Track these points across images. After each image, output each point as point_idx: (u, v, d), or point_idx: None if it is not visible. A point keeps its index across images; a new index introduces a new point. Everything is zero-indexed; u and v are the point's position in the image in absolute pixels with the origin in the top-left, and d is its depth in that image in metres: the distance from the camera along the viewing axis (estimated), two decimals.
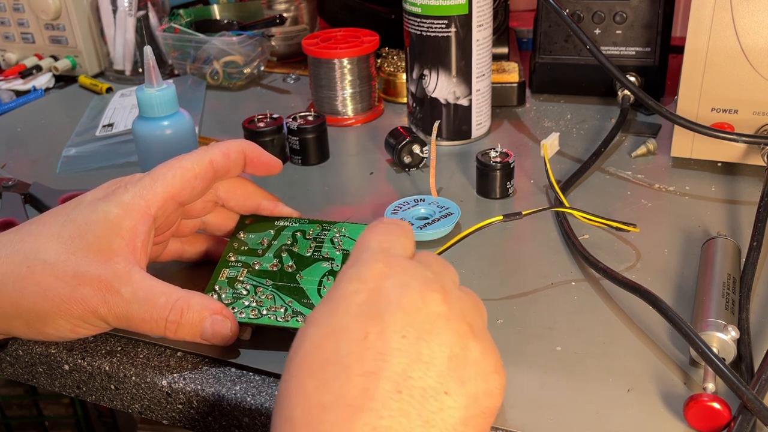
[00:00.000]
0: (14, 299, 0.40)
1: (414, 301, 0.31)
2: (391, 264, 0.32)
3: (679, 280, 0.48)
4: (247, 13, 0.92)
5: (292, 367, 0.30)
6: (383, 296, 0.31)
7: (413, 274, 0.32)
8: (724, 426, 0.36)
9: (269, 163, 0.48)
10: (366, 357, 0.29)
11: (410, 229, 0.37)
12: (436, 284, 0.32)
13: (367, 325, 0.30)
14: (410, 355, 0.29)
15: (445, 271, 0.34)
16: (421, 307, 0.31)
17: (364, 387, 0.28)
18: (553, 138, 0.61)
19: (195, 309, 0.40)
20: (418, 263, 0.33)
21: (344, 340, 0.29)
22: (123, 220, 0.41)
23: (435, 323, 0.30)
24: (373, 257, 0.33)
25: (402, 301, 0.31)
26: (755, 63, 0.55)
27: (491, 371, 0.31)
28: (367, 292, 0.31)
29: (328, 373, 0.29)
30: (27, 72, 0.91)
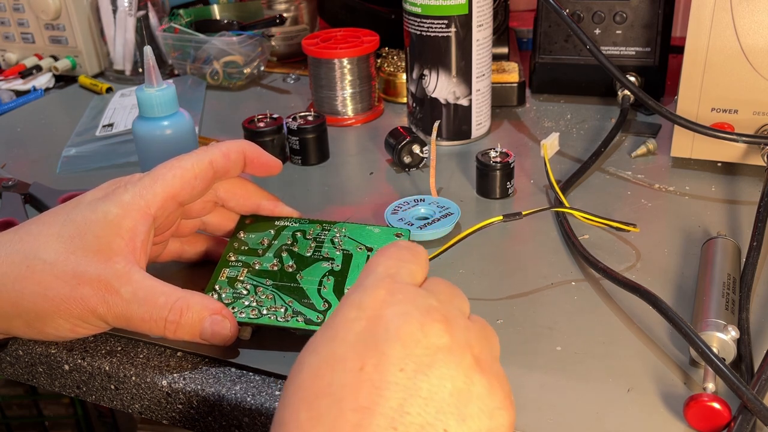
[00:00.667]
0: (14, 299, 0.40)
1: (413, 332, 0.29)
2: (393, 291, 0.31)
3: (679, 280, 0.48)
4: (247, 13, 0.92)
5: (288, 395, 0.29)
6: (382, 326, 0.29)
7: (416, 302, 0.31)
8: (724, 426, 0.36)
9: (269, 163, 0.48)
10: (361, 390, 0.27)
11: (423, 255, 0.35)
12: (439, 313, 0.30)
13: (364, 356, 0.28)
14: (408, 389, 0.28)
15: (452, 299, 0.33)
16: (420, 338, 0.29)
17: (356, 422, 0.27)
18: (553, 138, 0.61)
19: (194, 309, 0.40)
20: (424, 291, 0.32)
21: (340, 371, 0.28)
22: (123, 220, 0.41)
23: (435, 356, 0.29)
24: (376, 283, 0.32)
25: (401, 331, 0.29)
26: (755, 63, 0.55)
27: (497, 407, 0.29)
28: (366, 320, 0.30)
29: (321, 405, 0.28)
30: (27, 72, 0.91)
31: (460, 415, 0.28)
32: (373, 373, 0.28)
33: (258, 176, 0.49)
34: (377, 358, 0.28)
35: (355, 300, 0.31)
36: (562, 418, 0.38)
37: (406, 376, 0.28)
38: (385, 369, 0.28)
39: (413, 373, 0.28)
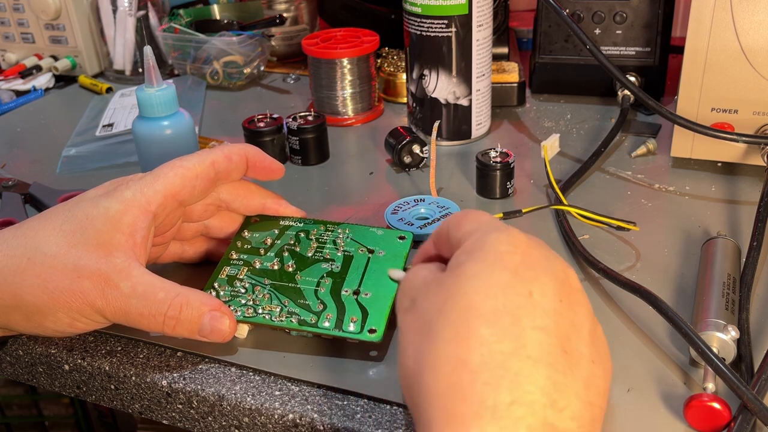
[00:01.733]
0: (14, 291, 0.40)
1: (559, 271, 0.32)
2: (529, 236, 0.34)
3: (679, 280, 0.48)
4: (247, 13, 0.92)
5: (452, 312, 0.30)
6: (536, 260, 0.32)
7: (548, 249, 0.34)
8: (724, 426, 0.36)
9: (271, 167, 0.48)
10: (536, 313, 0.30)
11: None
12: (564, 261, 0.34)
13: (530, 285, 0.31)
14: (567, 319, 0.31)
15: None
16: (564, 278, 0.32)
17: (538, 340, 0.29)
18: (554, 139, 0.61)
19: (194, 305, 0.40)
20: None
21: (512, 294, 0.30)
22: (123, 216, 0.41)
23: (578, 296, 0.32)
24: (508, 227, 0.34)
25: (553, 269, 0.32)
26: (755, 63, 0.55)
27: (608, 353, 0.33)
28: (520, 255, 0.32)
29: (504, 323, 0.29)
30: (27, 72, 0.91)
31: (597, 351, 0.31)
32: (541, 300, 0.31)
33: (260, 180, 0.49)
34: (541, 289, 0.31)
35: (501, 237, 0.33)
36: None
37: (564, 307, 0.31)
38: (549, 299, 0.31)
39: (569, 305, 0.31)
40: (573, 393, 0.29)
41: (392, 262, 0.46)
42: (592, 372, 0.30)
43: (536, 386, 0.28)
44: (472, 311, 0.30)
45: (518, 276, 0.31)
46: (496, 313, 0.30)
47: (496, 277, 0.31)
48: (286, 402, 0.40)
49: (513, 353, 0.29)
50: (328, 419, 0.39)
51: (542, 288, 0.31)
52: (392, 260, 0.46)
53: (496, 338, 0.29)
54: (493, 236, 0.33)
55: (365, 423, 0.39)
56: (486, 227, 0.35)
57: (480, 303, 0.30)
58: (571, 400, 0.28)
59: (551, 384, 0.28)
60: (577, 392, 0.29)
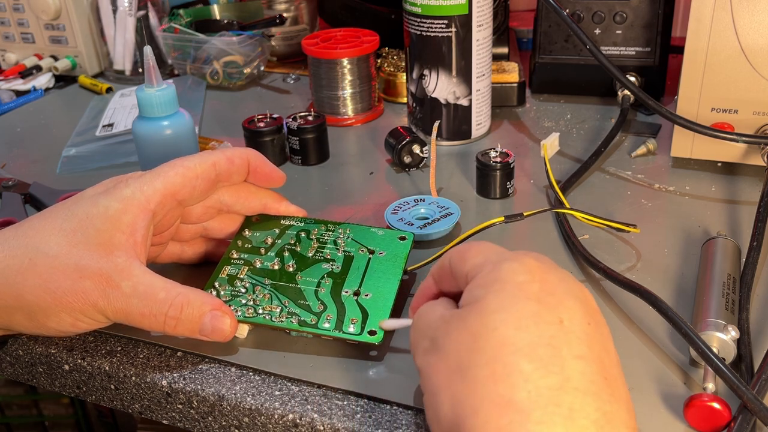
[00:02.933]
0: (16, 292, 0.40)
1: (579, 292, 0.32)
2: (540, 260, 0.33)
3: (679, 280, 0.48)
4: (247, 13, 0.92)
5: (487, 351, 0.29)
6: (555, 286, 0.32)
7: (560, 269, 0.33)
8: (724, 426, 0.36)
9: (272, 175, 0.48)
10: (571, 341, 0.29)
11: None
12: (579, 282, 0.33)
13: (558, 312, 0.30)
14: (599, 343, 0.30)
15: None
16: (585, 299, 0.32)
17: (580, 370, 0.28)
18: (553, 138, 0.61)
19: (194, 305, 0.40)
20: None
21: (543, 324, 0.30)
22: (123, 214, 0.41)
23: (600, 315, 0.32)
24: (520, 255, 0.33)
25: (573, 292, 0.32)
26: (755, 63, 0.55)
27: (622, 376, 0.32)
28: (539, 282, 0.31)
29: (543, 355, 0.29)
30: (27, 72, 0.91)
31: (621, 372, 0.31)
32: (572, 325, 0.30)
33: (260, 186, 0.49)
34: (569, 313, 0.30)
35: (516, 267, 0.32)
36: None
37: (593, 330, 0.31)
38: (579, 322, 0.30)
39: (596, 327, 0.31)
40: (620, 421, 0.28)
41: (393, 263, 0.46)
42: (628, 395, 0.30)
43: (589, 420, 0.27)
44: (507, 347, 0.29)
45: (543, 304, 0.30)
46: (533, 345, 0.29)
47: (521, 307, 0.30)
48: (286, 402, 0.40)
49: (560, 387, 0.28)
50: (328, 419, 0.39)
51: (569, 312, 0.30)
52: (393, 261, 0.46)
53: (540, 373, 0.28)
54: (506, 266, 0.32)
55: (365, 423, 0.39)
56: (495, 258, 0.34)
57: (513, 336, 0.29)
58: (620, 430, 0.28)
59: (602, 415, 0.27)
60: (623, 420, 0.28)
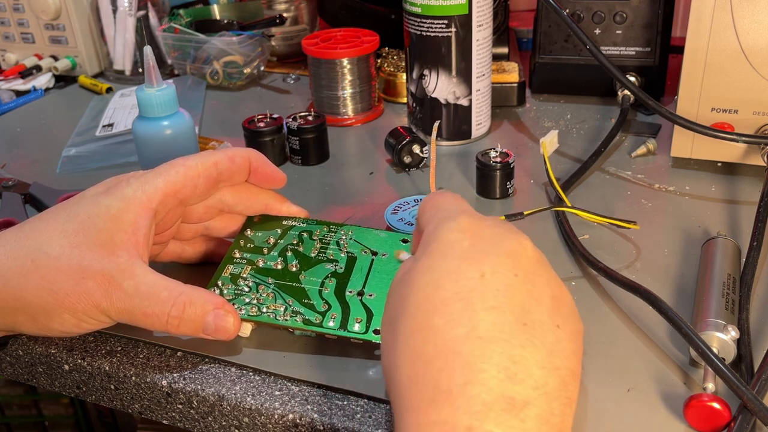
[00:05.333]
0: (18, 293, 0.40)
1: (515, 245, 0.33)
2: (479, 218, 0.34)
3: (679, 280, 0.48)
4: (247, 13, 0.92)
5: (410, 308, 0.31)
6: (486, 241, 0.33)
7: (502, 225, 0.34)
8: (724, 426, 0.36)
9: (273, 175, 0.48)
10: (488, 293, 0.30)
11: None
12: (522, 233, 0.34)
13: (481, 266, 0.31)
14: (524, 292, 0.31)
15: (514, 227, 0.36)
16: (521, 251, 0.33)
17: (491, 320, 0.30)
18: (552, 135, 0.61)
19: (197, 304, 0.40)
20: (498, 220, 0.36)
21: (462, 280, 0.31)
22: (125, 213, 0.41)
23: (535, 266, 0.33)
24: (459, 213, 0.35)
25: (505, 245, 0.33)
26: (755, 63, 0.55)
27: (576, 313, 0.33)
28: (470, 239, 0.33)
29: (454, 310, 0.30)
30: (27, 72, 0.91)
31: (562, 315, 0.32)
32: (493, 279, 0.31)
33: (261, 186, 0.49)
34: (493, 267, 0.31)
35: (452, 226, 0.34)
36: None
37: (519, 280, 0.31)
38: (503, 275, 0.31)
39: (524, 278, 0.32)
40: (534, 363, 0.29)
41: (396, 265, 0.46)
42: (557, 337, 0.31)
43: (490, 364, 0.28)
44: (425, 303, 0.31)
45: (468, 260, 0.32)
46: (447, 301, 0.30)
47: (446, 266, 0.32)
48: (286, 402, 0.40)
49: (465, 337, 0.29)
50: (328, 419, 0.39)
51: (493, 266, 0.31)
52: (396, 263, 0.46)
53: (448, 326, 0.30)
54: (444, 225, 0.34)
55: (365, 423, 0.39)
56: (440, 214, 0.35)
57: (432, 294, 0.31)
58: (532, 371, 0.29)
59: (507, 359, 0.29)
60: (538, 361, 0.29)
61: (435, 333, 0.30)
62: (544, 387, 0.29)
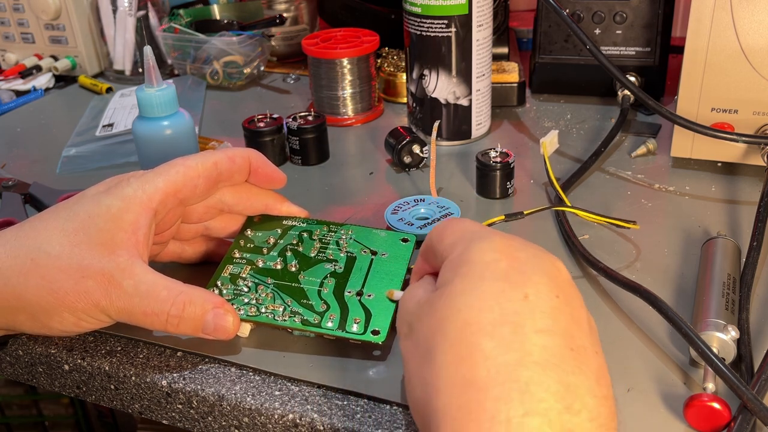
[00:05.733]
0: (18, 292, 0.40)
1: (550, 267, 0.32)
2: (511, 238, 0.33)
3: (679, 280, 0.48)
4: (247, 13, 0.92)
5: (450, 332, 0.30)
6: (524, 263, 0.31)
7: (533, 246, 0.33)
8: (724, 426, 0.36)
9: (272, 175, 0.48)
10: (535, 315, 0.29)
11: None
12: (553, 255, 0.33)
13: (524, 287, 0.30)
14: (567, 315, 0.30)
15: None
16: (556, 273, 0.32)
17: (543, 344, 0.28)
18: (552, 135, 0.61)
19: (197, 303, 0.40)
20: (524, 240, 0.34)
21: (506, 301, 0.30)
22: (125, 213, 0.41)
23: (571, 288, 0.32)
24: (490, 233, 0.34)
25: (542, 266, 0.32)
26: (755, 63, 0.55)
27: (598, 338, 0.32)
28: (506, 260, 0.32)
29: (504, 333, 0.29)
30: (27, 72, 0.91)
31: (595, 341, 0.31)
32: (537, 300, 0.30)
33: (260, 187, 0.49)
34: (535, 288, 0.30)
35: (485, 246, 0.32)
36: None
37: (561, 302, 0.30)
38: (546, 296, 0.30)
39: (565, 300, 0.31)
40: (587, 392, 0.28)
41: (395, 264, 0.46)
42: (599, 364, 0.30)
43: (548, 393, 0.27)
44: (469, 327, 0.29)
45: (509, 281, 0.31)
46: (495, 323, 0.29)
47: (486, 288, 0.30)
48: (286, 402, 0.40)
49: (519, 362, 0.28)
50: (328, 419, 0.39)
51: (536, 287, 0.30)
52: (395, 262, 0.46)
53: (499, 350, 0.28)
54: (476, 246, 0.33)
55: (365, 423, 0.39)
56: (468, 236, 0.34)
57: (476, 317, 0.30)
58: (586, 401, 0.28)
59: (563, 387, 0.28)
60: (590, 390, 0.28)
61: (486, 358, 0.28)
62: (598, 419, 0.28)
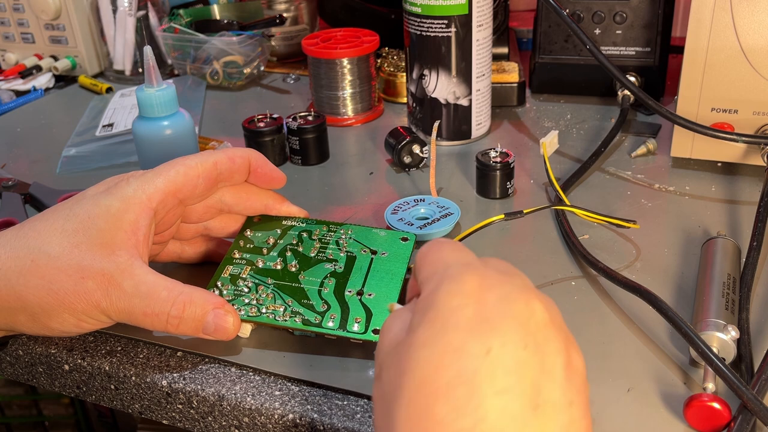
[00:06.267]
0: (18, 293, 0.40)
1: (522, 310, 0.29)
2: (484, 276, 0.30)
3: (679, 280, 0.48)
4: (247, 13, 0.92)
5: (406, 392, 0.28)
6: (491, 308, 0.29)
7: (510, 282, 0.30)
8: (724, 426, 0.36)
9: (272, 175, 0.48)
10: (496, 374, 0.27)
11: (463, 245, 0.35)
12: (531, 290, 0.30)
13: (487, 340, 0.28)
14: (534, 366, 0.28)
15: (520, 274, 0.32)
16: (529, 316, 0.29)
17: (501, 407, 0.26)
18: (552, 136, 0.61)
19: (197, 303, 0.40)
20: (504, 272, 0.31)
21: (466, 358, 0.27)
22: (125, 213, 0.41)
23: (546, 330, 0.29)
24: (462, 271, 0.31)
25: (513, 311, 0.29)
26: (755, 63, 0.55)
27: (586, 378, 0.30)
28: (473, 305, 0.29)
29: (459, 396, 0.27)
30: (27, 72, 0.91)
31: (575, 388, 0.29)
32: (501, 355, 0.27)
33: (260, 187, 0.49)
34: (500, 339, 0.28)
35: (453, 289, 0.30)
36: None
37: (529, 353, 0.28)
38: (511, 348, 0.28)
39: (534, 349, 0.28)
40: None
41: (395, 263, 0.46)
42: (570, 417, 0.28)
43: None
44: (425, 387, 0.27)
45: (473, 333, 0.28)
46: (450, 385, 0.27)
47: (448, 340, 0.28)
48: (286, 402, 0.40)
49: (473, 429, 0.26)
50: (328, 419, 0.39)
51: (501, 338, 0.28)
52: (395, 261, 0.46)
53: (453, 416, 0.26)
54: (443, 289, 0.30)
55: (365, 423, 0.39)
56: (441, 272, 0.31)
57: (433, 376, 0.27)
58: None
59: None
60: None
61: (437, 424, 0.26)
62: None
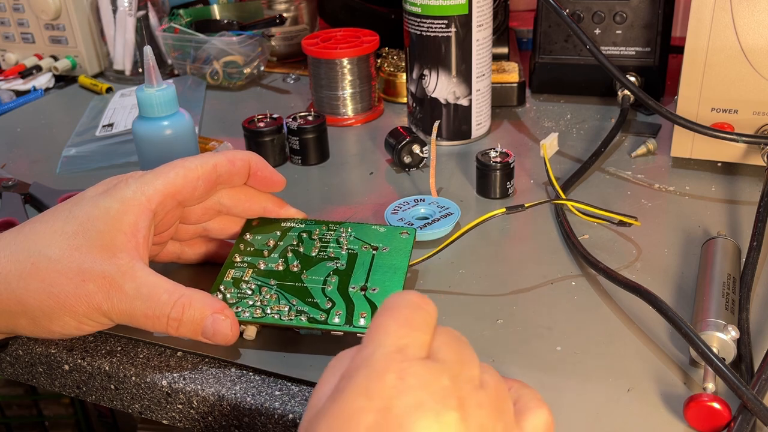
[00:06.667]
0: (19, 296, 0.40)
1: (429, 425, 0.26)
2: (404, 374, 0.27)
3: (679, 280, 0.48)
4: (247, 13, 0.92)
5: None
6: (394, 420, 0.26)
7: (429, 387, 0.27)
8: (724, 426, 0.36)
9: (272, 178, 0.48)
10: None
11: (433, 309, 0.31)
12: (454, 397, 0.27)
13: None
14: None
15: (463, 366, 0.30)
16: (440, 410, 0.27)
17: None
18: (552, 138, 0.61)
19: (197, 307, 0.40)
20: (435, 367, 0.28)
21: None
22: (124, 215, 0.41)
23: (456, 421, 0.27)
24: (385, 365, 0.28)
25: (420, 424, 0.26)
26: (755, 63, 0.55)
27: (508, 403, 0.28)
28: (376, 413, 0.26)
29: None
30: (27, 72, 0.91)
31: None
32: None
33: (260, 190, 0.49)
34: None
35: (362, 386, 0.27)
36: (562, 417, 0.38)
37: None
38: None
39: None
40: None
41: (397, 257, 0.46)
42: None
43: None
44: None
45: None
46: None
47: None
48: (286, 402, 0.40)
49: None
50: None
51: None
52: (397, 255, 0.46)
53: None
54: (352, 384, 0.27)
55: None
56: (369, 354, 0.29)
57: None
58: None
59: None
60: None
61: None
62: None
